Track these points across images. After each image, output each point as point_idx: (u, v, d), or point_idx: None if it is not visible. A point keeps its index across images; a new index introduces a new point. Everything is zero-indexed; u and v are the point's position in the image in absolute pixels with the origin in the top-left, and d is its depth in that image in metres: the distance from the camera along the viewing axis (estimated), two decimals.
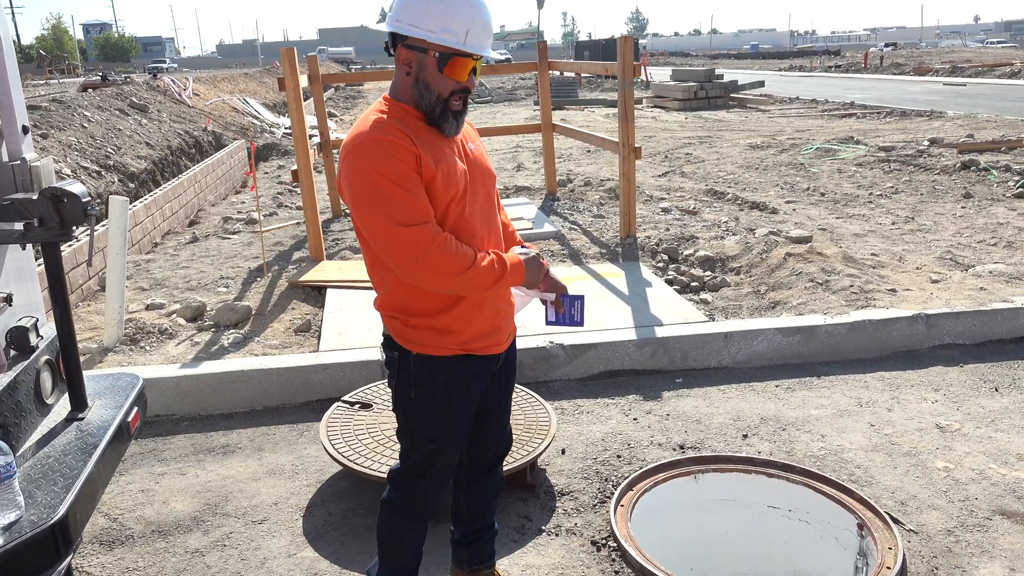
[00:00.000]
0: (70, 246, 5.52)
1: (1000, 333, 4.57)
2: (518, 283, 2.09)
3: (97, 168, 8.50)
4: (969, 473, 3.22)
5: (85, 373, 2.76)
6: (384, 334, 2.23)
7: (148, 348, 4.58)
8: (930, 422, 3.67)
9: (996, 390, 3.99)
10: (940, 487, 3.13)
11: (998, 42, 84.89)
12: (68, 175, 7.72)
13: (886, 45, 70.76)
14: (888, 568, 2.57)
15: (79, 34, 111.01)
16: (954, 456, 3.36)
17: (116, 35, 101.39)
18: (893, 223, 7.04)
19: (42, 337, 2.69)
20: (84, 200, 2.41)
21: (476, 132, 2.31)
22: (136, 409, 2.77)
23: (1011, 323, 4.58)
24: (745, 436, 3.60)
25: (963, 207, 7.57)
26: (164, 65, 55.09)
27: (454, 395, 2.17)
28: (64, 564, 2.07)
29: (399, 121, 2.01)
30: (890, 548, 2.67)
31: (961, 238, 6.44)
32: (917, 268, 5.60)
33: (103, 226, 5.73)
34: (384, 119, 2.01)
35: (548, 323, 2.40)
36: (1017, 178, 8.57)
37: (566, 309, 2.36)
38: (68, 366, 2.62)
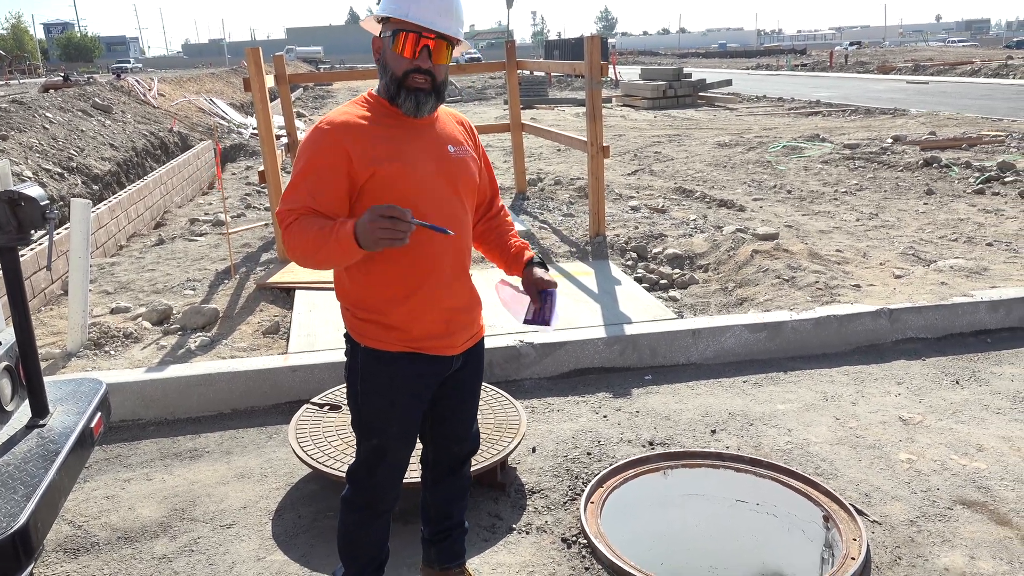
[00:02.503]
0: (32, 249, 5.42)
1: (961, 327, 4.66)
2: (355, 250, 1.85)
3: (60, 170, 8.35)
4: (931, 464, 3.29)
5: (47, 379, 2.72)
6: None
7: (113, 352, 4.51)
8: (893, 415, 3.74)
9: (957, 383, 4.07)
10: (903, 478, 3.19)
11: (959, 41, 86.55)
12: (29, 178, 7.57)
13: (851, 44, 71.85)
14: (852, 559, 2.62)
15: (40, 34, 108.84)
16: (916, 448, 3.42)
17: (78, 35, 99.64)
18: (857, 220, 7.15)
19: (1, 343, 2.64)
20: (42, 203, 2.37)
21: (469, 135, 2.26)
22: (99, 415, 2.73)
23: (971, 317, 4.67)
24: (713, 431, 3.63)
25: (925, 203, 7.72)
26: (128, 65, 54.29)
27: (398, 392, 2.16)
28: (26, 573, 2.04)
29: (364, 114, 2.04)
30: (855, 539, 2.72)
31: (923, 234, 6.56)
32: (881, 264, 5.69)
33: (65, 229, 5.63)
34: (348, 109, 2.06)
35: (525, 322, 2.27)
36: (977, 174, 8.75)
37: (541, 307, 2.24)
38: (28, 372, 2.57)
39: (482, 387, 3.66)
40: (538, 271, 2.26)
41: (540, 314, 2.24)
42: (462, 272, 2.20)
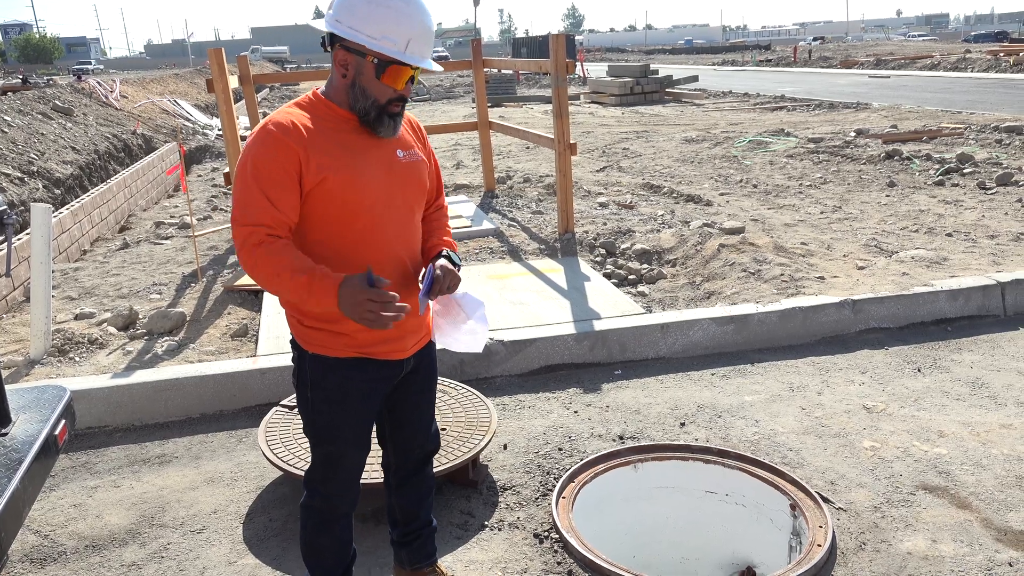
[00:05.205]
0: None
1: (922, 316, 4.76)
2: (331, 307, 1.88)
3: (20, 175, 8.19)
4: (894, 451, 3.36)
5: (9, 387, 2.68)
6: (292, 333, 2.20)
7: (78, 359, 4.45)
8: (857, 404, 3.81)
9: (919, 371, 4.16)
10: (867, 465, 3.26)
11: (919, 35, 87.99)
12: None
13: (814, 39, 72.75)
14: (819, 545, 2.67)
15: None
16: (880, 435, 3.50)
17: (37, 36, 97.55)
18: (822, 212, 7.26)
19: None
20: (0, 209, 2.33)
21: (418, 136, 2.22)
22: (64, 422, 2.69)
23: (931, 306, 4.77)
24: (683, 424, 3.68)
25: (887, 195, 7.85)
26: (89, 66, 53.22)
27: (349, 398, 2.14)
28: None
29: (311, 118, 1.98)
30: (821, 526, 2.77)
31: (885, 225, 6.68)
32: (844, 256, 5.79)
33: (26, 234, 5.54)
34: (294, 112, 1.99)
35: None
36: (937, 166, 8.92)
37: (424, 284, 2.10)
38: None
39: (453, 385, 3.70)
40: (440, 261, 2.14)
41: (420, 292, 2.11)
42: (411, 277, 2.17)
